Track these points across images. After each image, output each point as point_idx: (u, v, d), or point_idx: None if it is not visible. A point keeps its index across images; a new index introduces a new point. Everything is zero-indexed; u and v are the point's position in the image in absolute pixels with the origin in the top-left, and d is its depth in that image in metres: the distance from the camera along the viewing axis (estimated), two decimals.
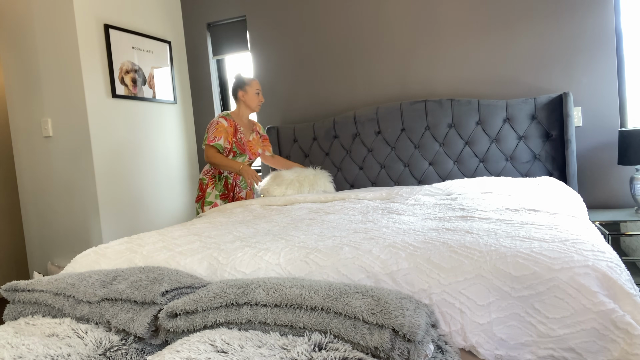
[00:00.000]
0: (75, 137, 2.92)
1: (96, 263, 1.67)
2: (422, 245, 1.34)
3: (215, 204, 2.82)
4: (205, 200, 2.82)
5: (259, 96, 2.84)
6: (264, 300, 1.10)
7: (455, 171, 2.93)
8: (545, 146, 2.76)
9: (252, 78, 2.85)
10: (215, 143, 2.71)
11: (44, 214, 3.07)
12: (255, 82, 2.84)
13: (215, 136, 2.73)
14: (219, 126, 2.74)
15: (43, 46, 2.93)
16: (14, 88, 3.06)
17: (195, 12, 3.77)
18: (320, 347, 0.96)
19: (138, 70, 3.27)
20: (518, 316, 1.11)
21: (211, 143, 2.71)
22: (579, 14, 2.76)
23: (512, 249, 1.22)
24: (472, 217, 1.69)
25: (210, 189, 2.82)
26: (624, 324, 1.03)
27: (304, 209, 2.28)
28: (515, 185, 2.29)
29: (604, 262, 1.13)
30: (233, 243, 1.61)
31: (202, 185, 2.85)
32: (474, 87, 3.02)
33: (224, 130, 2.75)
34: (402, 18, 3.16)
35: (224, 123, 2.76)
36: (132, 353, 1.13)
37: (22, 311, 1.39)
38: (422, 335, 0.95)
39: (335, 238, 1.54)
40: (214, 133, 2.73)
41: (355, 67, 3.32)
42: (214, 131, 2.73)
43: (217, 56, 3.78)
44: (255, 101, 2.84)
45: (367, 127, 3.14)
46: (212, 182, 2.83)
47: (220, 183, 2.83)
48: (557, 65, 2.83)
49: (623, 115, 2.78)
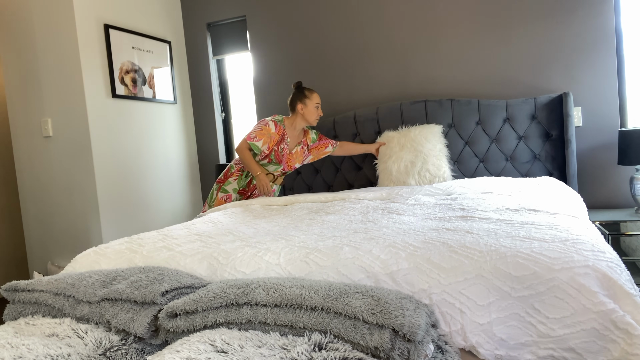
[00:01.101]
0: (75, 137, 2.92)
1: (96, 263, 1.67)
2: (422, 245, 1.34)
3: (229, 196, 2.80)
4: (222, 187, 2.81)
5: (318, 110, 2.73)
6: (264, 300, 1.10)
7: (455, 171, 2.93)
8: (545, 146, 2.76)
9: (313, 91, 2.74)
10: (252, 143, 2.62)
11: (44, 214, 3.07)
12: (316, 96, 2.73)
13: (256, 136, 2.62)
14: (265, 129, 2.64)
15: (43, 46, 2.93)
16: (14, 88, 3.06)
17: (195, 12, 3.77)
18: (320, 347, 0.96)
19: (138, 70, 3.27)
20: (518, 316, 1.11)
21: (248, 141, 2.62)
22: (579, 14, 2.76)
23: (512, 249, 1.22)
24: (472, 217, 1.69)
25: (233, 179, 2.80)
26: (624, 324, 1.03)
27: (304, 209, 2.28)
28: (515, 185, 2.29)
29: (604, 262, 1.13)
30: (233, 243, 1.61)
31: (229, 172, 2.81)
32: (474, 87, 3.02)
33: (268, 134, 2.64)
34: (402, 18, 3.16)
35: (271, 128, 2.65)
36: (132, 353, 1.13)
37: (22, 311, 1.39)
38: (422, 335, 0.95)
39: (336, 238, 1.54)
40: (256, 133, 2.63)
41: (355, 67, 3.32)
42: (258, 131, 2.63)
43: (217, 56, 3.78)
44: (314, 115, 2.72)
45: (367, 127, 3.14)
46: (238, 174, 2.81)
47: (245, 179, 2.81)
48: (557, 65, 2.83)
49: (623, 115, 2.78)
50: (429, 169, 2.73)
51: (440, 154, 2.78)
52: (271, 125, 2.65)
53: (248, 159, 2.62)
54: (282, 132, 2.69)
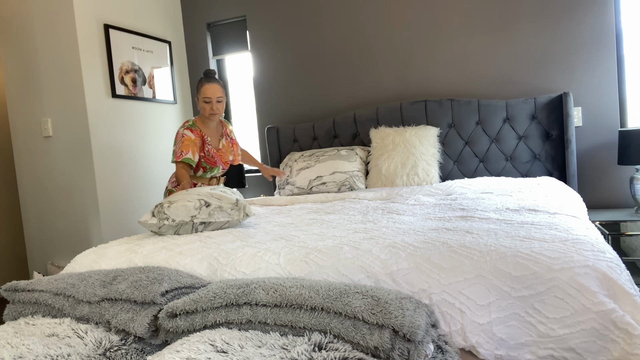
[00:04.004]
0: (75, 137, 2.92)
1: (96, 263, 1.67)
2: (422, 245, 1.34)
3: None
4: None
5: (209, 105, 2.41)
6: (264, 300, 1.10)
7: (455, 171, 2.93)
8: (545, 146, 2.76)
9: (205, 82, 2.41)
10: (184, 158, 2.35)
11: (44, 214, 3.07)
12: (207, 89, 2.39)
13: (182, 150, 2.37)
14: (186, 139, 2.39)
15: (43, 46, 2.93)
16: (14, 88, 3.07)
17: (195, 12, 3.77)
18: (320, 347, 0.96)
19: (138, 70, 3.27)
20: (518, 316, 1.11)
21: (179, 159, 2.35)
22: (579, 14, 2.76)
23: (512, 249, 1.22)
24: (472, 217, 1.69)
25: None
26: (624, 324, 1.03)
27: (304, 209, 2.28)
28: (515, 185, 2.29)
29: (604, 262, 1.13)
30: (233, 243, 1.61)
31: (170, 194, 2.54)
32: (474, 87, 3.02)
33: (192, 142, 2.39)
34: (402, 18, 3.16)
35: (190, 135, 2.40)
36: (132, 353, 1.13)
37: (22, 311, 1.39)
38: (422, 335, 0.95)
39: (335, 238, 1.54)
40: (180, 148, 2.37)
41: (356, 67, 3.32)
42: (181, 145, 2.38)
43: (217, 56, 3.78)
44: (205, 111, 2.43)
45: (367, 127, 3.14)
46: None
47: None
48: (557, 65, 2.83)
49: (623, 115, 2.78)
50: (418, 173, 2.72)
51: (431, 159, 2.76)
52: (187, 133, 2.41)
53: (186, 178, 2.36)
54: (200, 134, 2.45)
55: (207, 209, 1.86)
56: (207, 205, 1.87)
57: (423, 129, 2.85)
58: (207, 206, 1.87)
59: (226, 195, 1.95)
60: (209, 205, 1.87)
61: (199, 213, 1.86)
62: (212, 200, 1.90)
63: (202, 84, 2.42)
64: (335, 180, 2.85)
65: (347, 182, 2.83)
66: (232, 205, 1.91)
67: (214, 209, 1.88)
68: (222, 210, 1.88)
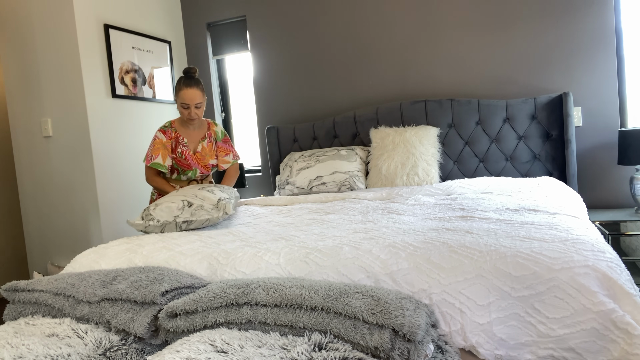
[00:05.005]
0: (75, 137, 2.92)
1: (96, 263, 1.67)
2: (422, 245, 1.34)
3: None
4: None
5: (187, 111, 2.31)
6: (264, 300, 1.10)
7: (455, 171, 2.93)
8: (545, 146, 2.76)
9: (183, 87, 2.29)
10: (152, 163, 2.32)
11: (44, 214, 3.07)
12: (184, 94, 2.28)
13: (152, 154, 2.33)
14: (157, 142, 2.35)
15: (43, 46, 2.93)
16: (14, 88, 3.07)
17: (195, 12, 3.77)
18: (320, 347, 0.96)
19: (138, 70, 3.27)
20: (518, 316, 1.11)
21: (149, 164, 2.33)
22: (579, 13, 2.76)
23: (512, 249, 1.22)
24: (472, 217, 1.69)
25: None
26: (624, 324, 1.03)
27: (304, 209, 2.28)
28: (515, 185, 2.29)
29: (604, 262, 1.13)
30: (233, 243, 1.61)
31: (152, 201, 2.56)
32: (474, 87, 3.02)
33: (162, 145, 2.34)
34: (402, 18, 3.16)
35: (161, 138, 2.36)
36: (132, 353, 1.13)
37: (22, 311, 1.39)
38: (422, 335, 0.95)
39: (335, 238, 1.54)
40: (151, 151, 2.34)
41: (355, 67, 3.32)
42: (151, 149, 2.35)
43: (217, 56, 3.78)
44: (183, 115, 2.35)
45: (367, 127, 3.14)
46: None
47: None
48: (557, 65, 2.83)
49: (623, 115, 2.78)
50: (418, 173, 2.71)
51: (431, 159, 2.76)
52: (159, 135, 2.36)
53: (161, 184, 2.37)
54: (175, 136, 2.38)
55: (190, 208, 2.00)
56: (189, 205, 2.01)
57: (423, 129, 2.85)
58: (190, 206, 2.01)
59: (209, 195, 2.07)
60: (191, 205, 2.01)
61: (181, 213, 1.97)
62: (195, 200, 2.04)
63: (180, 87, 2.30)
64: (335, 180, 2.85)
65: (347, 182, 2.83)
66: (213, 205, 2.03)
67: (196, 208, 2.00)
68: (202, 209, 2.00)
